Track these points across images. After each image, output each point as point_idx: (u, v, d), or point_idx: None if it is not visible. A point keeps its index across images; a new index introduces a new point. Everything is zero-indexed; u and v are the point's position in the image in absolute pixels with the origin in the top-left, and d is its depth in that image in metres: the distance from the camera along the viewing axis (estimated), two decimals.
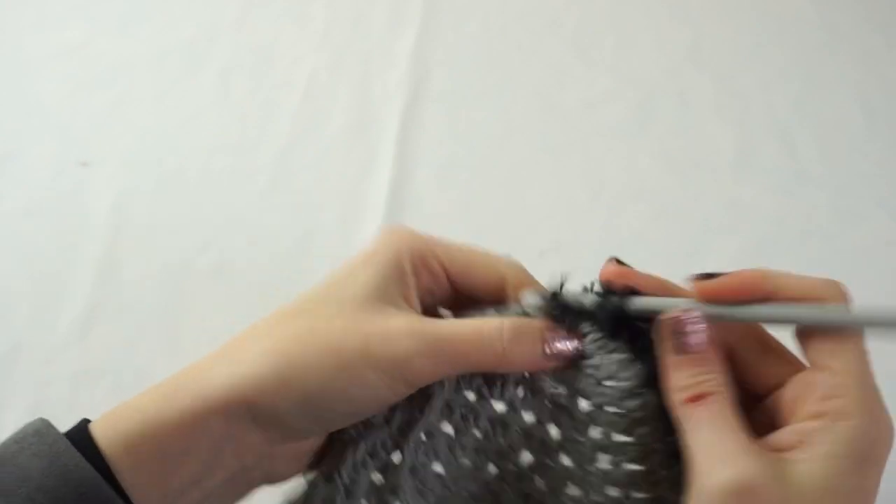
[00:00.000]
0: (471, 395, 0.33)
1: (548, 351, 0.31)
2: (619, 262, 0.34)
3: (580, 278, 0.58)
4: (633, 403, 0.31)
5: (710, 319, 0.30)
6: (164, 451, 0.29)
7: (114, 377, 0.51)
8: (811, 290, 0.30)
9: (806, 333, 0.30)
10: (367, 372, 0.30)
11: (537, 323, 0.32)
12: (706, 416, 0.28)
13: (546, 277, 0.57)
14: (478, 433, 0.33)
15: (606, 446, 0.31)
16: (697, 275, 0.31)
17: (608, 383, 0.31)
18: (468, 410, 0.33)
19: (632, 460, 0.30)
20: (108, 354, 0.52)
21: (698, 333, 0.30)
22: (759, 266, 0.32)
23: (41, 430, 0.28)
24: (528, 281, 0.35)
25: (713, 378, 0.29)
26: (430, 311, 0.34)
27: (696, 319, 0.30)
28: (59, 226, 0.58)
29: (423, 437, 0.33)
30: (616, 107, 0.67)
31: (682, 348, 0.30)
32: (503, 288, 0.34)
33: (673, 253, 0.58)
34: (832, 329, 0.30)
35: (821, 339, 0.29)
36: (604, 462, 0.31)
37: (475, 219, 0.60)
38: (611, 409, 0.31)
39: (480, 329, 0.31)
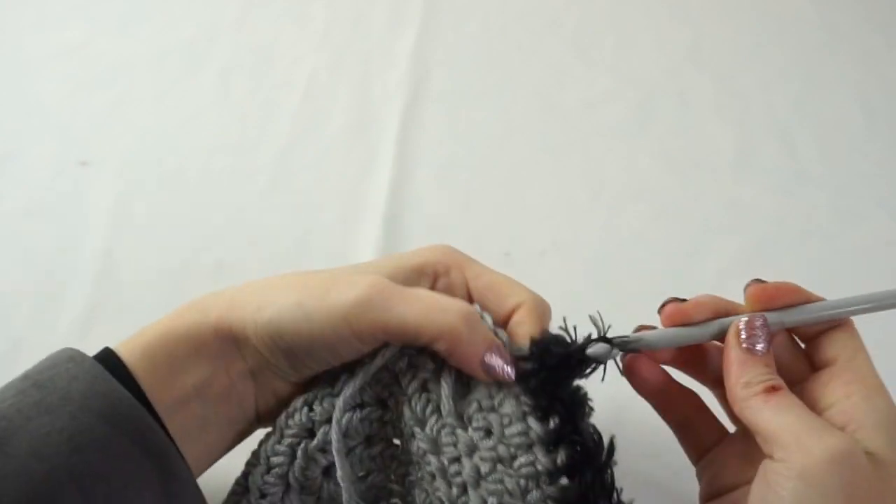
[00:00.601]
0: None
1: (486, 360, 0.32)
2: (678, 300, 0.35)
3: (580, 278, 0.59)
4: (512, 430, 0.31)
5: (773, 325, 0.34)
6: (173, 354, 0.32)
7: None
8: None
9: (815, 339, 0.35)
10: (320, 312, 0.31)
11: (491, 334, 0.33)
12: (787, 403, 0.31)
13: (546, 277, 0.57)
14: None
15: (486, 474, 0.30)
16: (753, 280, 0.35)
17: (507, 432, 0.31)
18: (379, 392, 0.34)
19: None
20: None
21: (766, 337, 0.33)
22: (759, 266, 0.34)
23: (75, 357, 0.32)
24: (541, 314, 0.35)
25: (778, 378, 0.32)
26: None
27: (764, 324, 0.33)
28: (58, 226, 0.58)
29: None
30: (616, 107, 0.67)
31: (752, 349, 0.33)
32: (517, 312, 0.35)
33: (673, 253, 0.58)
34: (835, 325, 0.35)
35: (833, 340, 0.34)
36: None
37: (475, 219, 0.60)
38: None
39: (439, 300, 0.32)
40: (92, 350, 0.52)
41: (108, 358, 0.32)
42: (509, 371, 0.32)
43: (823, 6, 0.76)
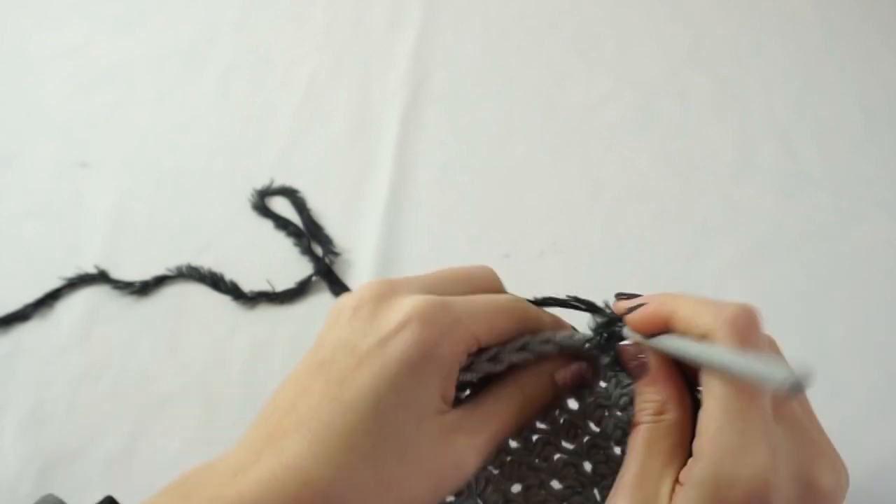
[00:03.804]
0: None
1: (559, 381, 0.33)
2: (624, 296, 0.34)
3: (580, 278, 0.59)
4: None
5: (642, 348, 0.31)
6: None
7: (114, 377, 0.51)
8: (695, 320, 0.29)
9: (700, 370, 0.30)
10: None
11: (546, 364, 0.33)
12: (631, 445, 0.29)
13: (545, 278, 0.58)
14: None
15: None
16: (617, 294, 0.33)
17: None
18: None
19: None
20: (108, 354, 0.52)
21: (635, 361, 0.31)
22: (758, 267, 0.33)
23: None
24: (496, 281, 0.36)
25: (649, 406, 0.30)
26: None
27: (631, 349, 0.31)
28: (59, 226, 0.58)
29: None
30: (616, 108, 0.67)
31: (633, 375, 0.31)
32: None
33: (672, 254, 0.58)
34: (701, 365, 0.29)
35: (704, 375, 0.29)
36: None
37: (475, 219, 0.60)
38: None
39: (510, 395, 0.33)
40: (91, 350, 0.53)
41: None
42: (577, 368, 0.33)
43: (823, 6, 0.76)
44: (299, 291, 0.54)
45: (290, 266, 0.56)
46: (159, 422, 0.49)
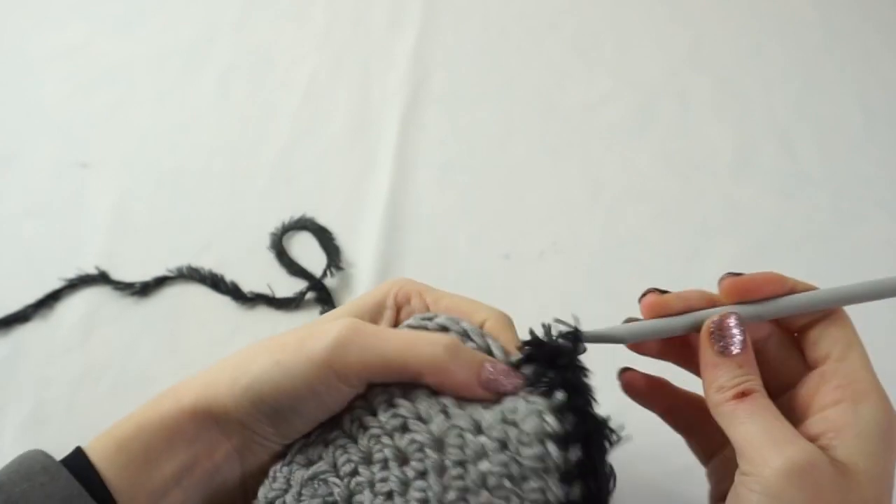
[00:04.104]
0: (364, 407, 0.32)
1: (483, 376, 0.31)
2: (659, 291, 0.34)
3: (580, 278, 0.59)
4: (529, 452, 0.30)
5: (747, 321, 0.33)
6: (149, 447, 0.32)
7: (114, 377, 0.51)
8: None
9: (807, 332, 0.33)
10: (299, 363, 0.31)
11: (479, 353, 0.32)
12: (754, 410, 0.30)
13: (545, 278, 0.58)
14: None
15: (493, 487, 0.30)
16: (727, 274, 0.33)
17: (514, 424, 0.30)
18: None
19: None
20: (108, 355, 0.52)
21: (739, 336, 0.32)
22: (758, 267, 0.33)
23: (49, 468, 0.31)
24: (508, 326, 0.35)
25: (754, 378, 0.32)
26: None
27: (737, 323, 0.32)
28: (59, 227, 0.58)
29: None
30: (616, 108, 0.67)
31: (725, 351, 0.32)
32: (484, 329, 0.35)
33: (672, 254, 0.58)
34: (835, 320, 0.33)
35: (825, 334, 0.33)
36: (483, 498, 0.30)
37: (475, 219, 0.60)
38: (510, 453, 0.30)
39: (419, 335, 0.32)
40: (92, 350, 0.52)
41: (77, 461, 0.32)
42: (513, 380, 0.31)
43: (823, 6, 0.76)
44: (297, 300, 0.54)
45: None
46: None
